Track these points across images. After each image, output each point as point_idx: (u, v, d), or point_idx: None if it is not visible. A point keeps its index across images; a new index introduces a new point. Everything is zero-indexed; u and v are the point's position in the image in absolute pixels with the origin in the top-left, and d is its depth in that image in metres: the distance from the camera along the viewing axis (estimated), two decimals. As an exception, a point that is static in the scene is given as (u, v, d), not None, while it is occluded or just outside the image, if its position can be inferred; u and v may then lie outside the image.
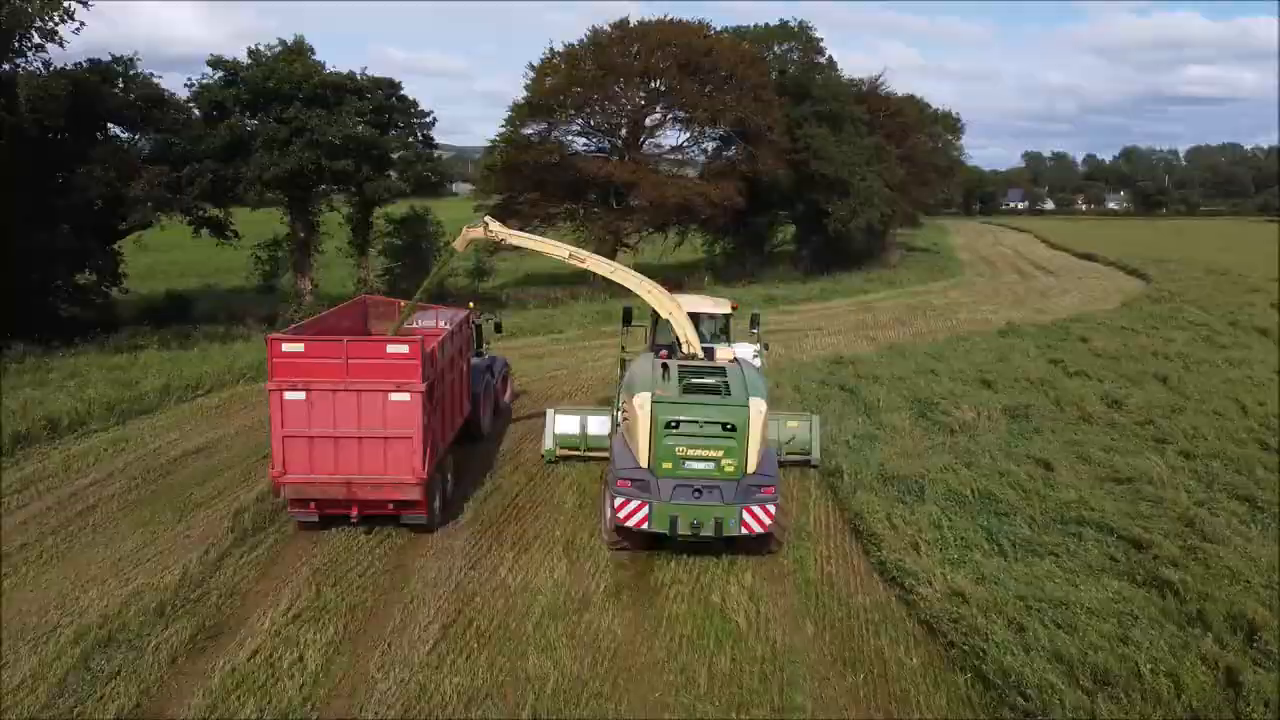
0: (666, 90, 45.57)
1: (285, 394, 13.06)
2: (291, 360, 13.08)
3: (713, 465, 12.97)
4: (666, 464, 12.97)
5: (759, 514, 12.94)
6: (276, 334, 14.04)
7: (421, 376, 13.09)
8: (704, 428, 13.01)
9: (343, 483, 13.32)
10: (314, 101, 31.44)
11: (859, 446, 18.49)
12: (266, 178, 30.37)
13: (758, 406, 13.09)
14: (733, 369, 14.44)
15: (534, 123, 44.72)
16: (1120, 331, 33.32)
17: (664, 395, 13.28)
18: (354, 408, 13.08)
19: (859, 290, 46.93)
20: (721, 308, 17.20)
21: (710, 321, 16.96)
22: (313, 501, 13.73)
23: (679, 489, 12.95)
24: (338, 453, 13.22)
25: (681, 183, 45.01)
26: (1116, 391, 23.24)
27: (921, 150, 65.00)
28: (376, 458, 13.25)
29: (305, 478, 13.33)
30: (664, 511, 12.86)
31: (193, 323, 32.38)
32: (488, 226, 16.08)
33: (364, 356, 13.17)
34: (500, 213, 45.38)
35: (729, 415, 13.04)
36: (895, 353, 28.56)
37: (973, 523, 14.52)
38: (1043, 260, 70.43)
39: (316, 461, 13.24)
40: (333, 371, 13.04)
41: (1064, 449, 18.49)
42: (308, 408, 13.10)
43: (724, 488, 12.92)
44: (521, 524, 14.82)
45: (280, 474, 13.34)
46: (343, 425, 13.13)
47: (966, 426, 20.03)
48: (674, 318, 15.34)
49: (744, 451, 12.98)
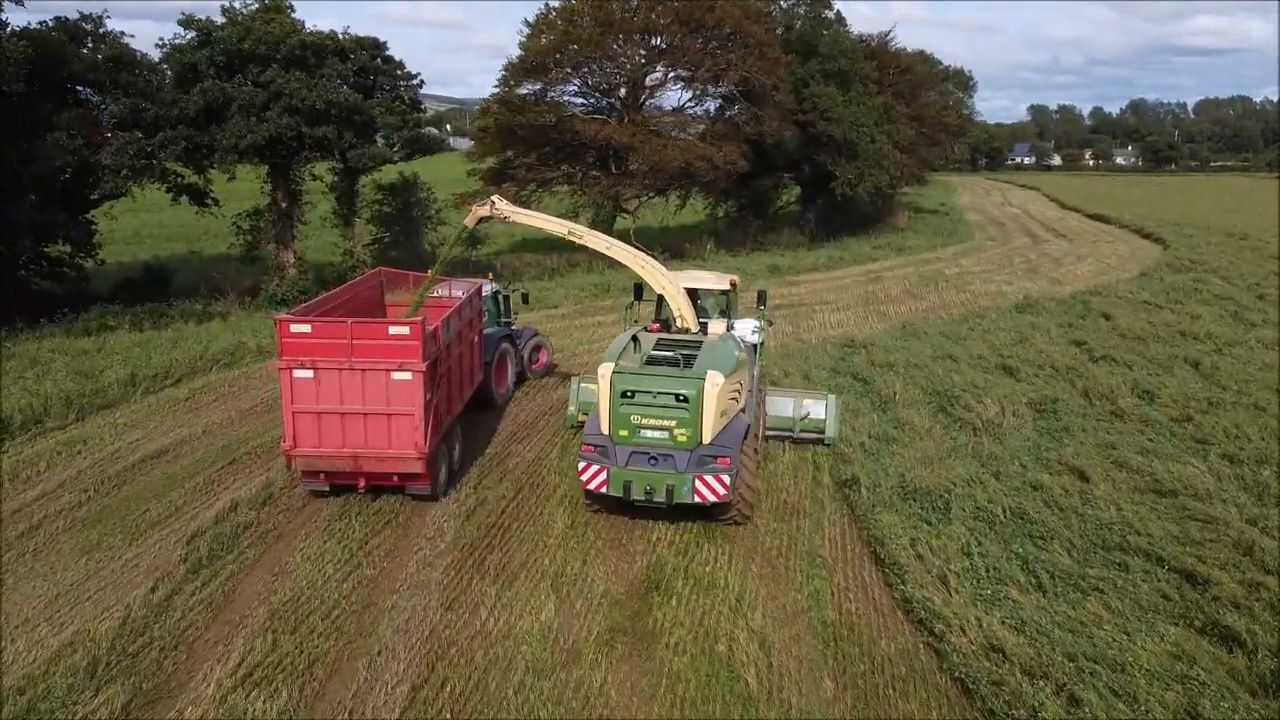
0: (667, 48, 43.41)
1: (294, 372, 13.73)
2: (300, 340, 13.71)
3: (666, 435, 13.56)
4: (623, 432, 13.66)
5: (711, 483, 13.36)
6: (285, 315, 14.44)
7: (422, 356, 13.61)
8: (657, 398, 13.55)
9: (349, 456, 13.97)
10: (293, 63, 29.51)
11: (875, 450, 17.05)
12: (243, 145, 28.54)
13: (714, 380, 13.45)
14: (712, 343, 14.84)
15: (529, 82, 42.60)
16: (1143, 307, 31.72)
17: (624, 367, 13.93)
18: (359, 385, 13.72)
19: (867, 258, 45.20)
20: (721, 283, 17.01)
21: (719, 297, 17.12)
22: (322, 473, 14.41)
23: (635, 456, 13.64)
24: (344, 428, 13.85)
25: (683, 145, 43.00)
26: (1147, 381, 21.75)
27: (932, 109, 62.72)
28: (380, 433, 13.87)
29: (314, 451, 13.97)
30: (620, 476, 13.59)
31: (170, 298, 30.82)
32: (494, 205, 16.56)
33: (367, 337, 13.71)
34: (495, 176, 43.76)
35: (682, 386, 13.51)
36: (909, 333, 26.99)
37: (1006, 549, 13.11)
38: (1054, 222, 68.52)
39: (324, 436, 13.90)
40: (338, 351, 13.66)
41: (1098, 453, 17.04)
42: (315, 385, 13.76)
43: (678, 456, 13.50)
44: (506, 549, 13.42)
45: (291, 447, 13.96)
46: (348, 402, 13.77)
47: (990, 425, 18.57)
48: (667, 292, 15.87)
49: (697, 422, 13.46)
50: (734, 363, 14.35)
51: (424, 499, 14.77)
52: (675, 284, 15.84)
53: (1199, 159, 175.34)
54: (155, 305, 28.79)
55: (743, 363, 14.91)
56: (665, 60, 43.59)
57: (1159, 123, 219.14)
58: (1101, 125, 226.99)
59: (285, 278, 31.51)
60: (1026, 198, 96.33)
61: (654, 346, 15.00)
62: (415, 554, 13.20)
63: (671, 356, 14.46)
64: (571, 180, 44.53)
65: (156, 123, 29.40)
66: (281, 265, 31.75)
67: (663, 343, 15.21)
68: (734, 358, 14.50)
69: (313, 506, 14.77)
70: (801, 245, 48.89)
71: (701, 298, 17.01)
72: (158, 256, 42.73)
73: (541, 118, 41.08)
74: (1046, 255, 48.62)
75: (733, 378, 14.04)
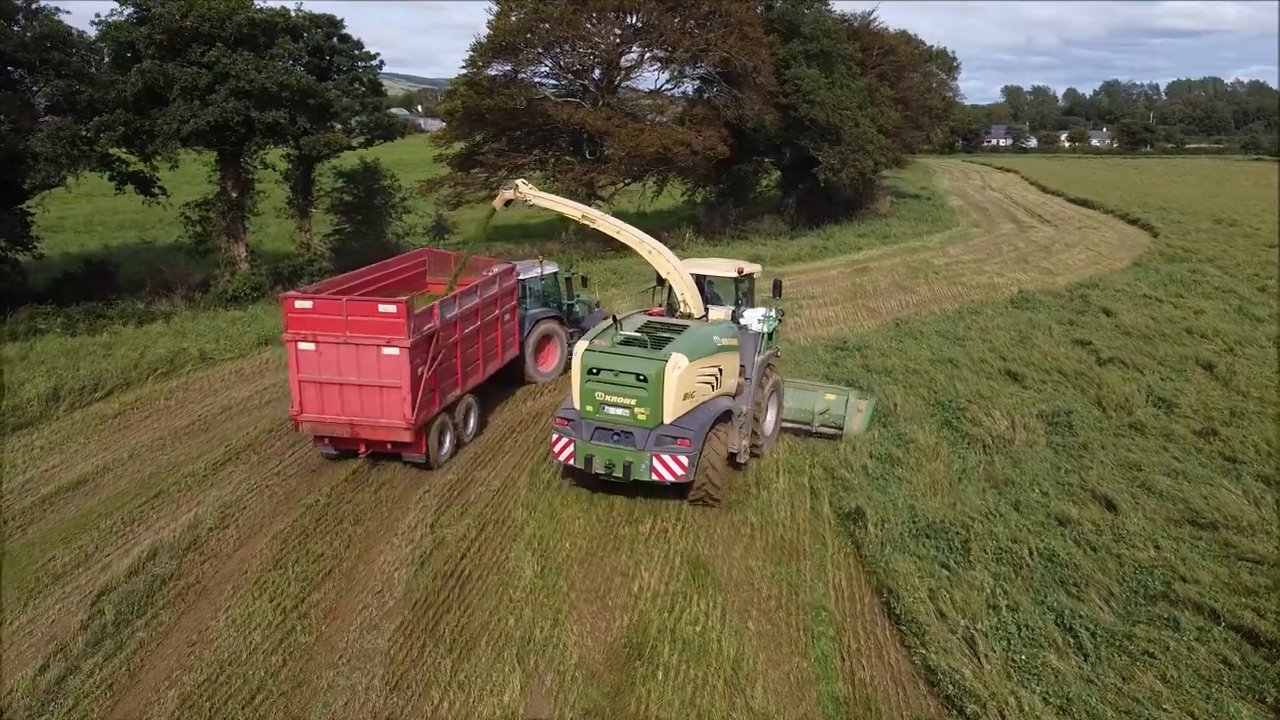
0: (644, 27, 41.40)
1: (299, 345, 14.86)
2: (302, 315, 14.80)
3: (627, 412, 13.83)
4: (589, 407, 14.09)
5: (669, 463, 13.68)
6: (290, 292, 15.35)
7: (407, 333, 14.43)
8: (619, 376, 13.83)
9: (347, 423, 15.10)
10: (240, 42, 27.25)
11: (879, 473, 15.41)
12: (185, 131, 26.32)
13: (676, 362, 13.64)
14: (695, 329, 14.99)
15: (498, 64, 40.46)
16: (1144, 301, 30.27)
17: (596, 345, 14.26)
18: (354, 359, 14.73)
19: (851, 247, 43.56)
20: (730, 270, 16.69)
21: (730, 284, 16.82)
22: (327, 437, 15.63)
23: (599, 431, 14.07)
24: (343, 397, 14.97)
25: (660, 130, 41.08)
26: (1162, 387, 20.25)
27: (916, 92, 61.00)
28: (374, 403, 14.88)
29: (317, 417, 15.18)
30: (584, 450, 14.11)
31: (110, 295, 28.53)
32: (518, 188, 17.18)
33: (360, 314, 14.64)
34: (463, 162, 41.67)
35: (641, 367, 13.71)
36: (904, 332, 25.35)
37: (1037, 601, 11.49)
38: (1037, 207, 67.18)
39: (325, 403, 15.08)
40: (335, 326, 14.68)
41: (1122, 475, 15.48)
42: (317, 357, 14.85)
43: (637, 434, 13.81)
44: (465, 606, 11.64)
45: (298, 412, 15.21)
46: (345, 373, 14.83)
47: (1002, 441, 16.99)
48: (671, 277, 16.06)
49: (657, 402, 13.66)
50: (710, 348, 14.49)
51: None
52: (680, 269, 16.10)
53: (1174, 141, 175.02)
54: (93, 304, 26.56)
55: (727, 349, 14.97)
56: (641, 40, 41.60)
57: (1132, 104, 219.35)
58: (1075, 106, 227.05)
59: (237, 273, 29.34)
60: (1006, 181, 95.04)
61: (636, 328, 15.05)
62: (359, 614, 11.40)
63: (641, 338, 14.57)
64: (544, 166, 42.52)
65: (93, 106, 27.11)
66: (233, 259, 29.55)
67: (650, 325, 15.28)
68: (712, 343, 14.61)
69: (244, 551, 12.92)
70: (783, 233, 47.15)
71: (715, 285, 17.10)
72: (108, 246, 40.40)
73: (511, 101, 38.95)
74: (1034, 243, 47.18)
75: (704, 362, 14.21)
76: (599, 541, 13.34)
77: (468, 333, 16.66)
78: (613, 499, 14.69)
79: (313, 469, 15.92)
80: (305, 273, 30.70)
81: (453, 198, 40.79)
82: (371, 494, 14.91)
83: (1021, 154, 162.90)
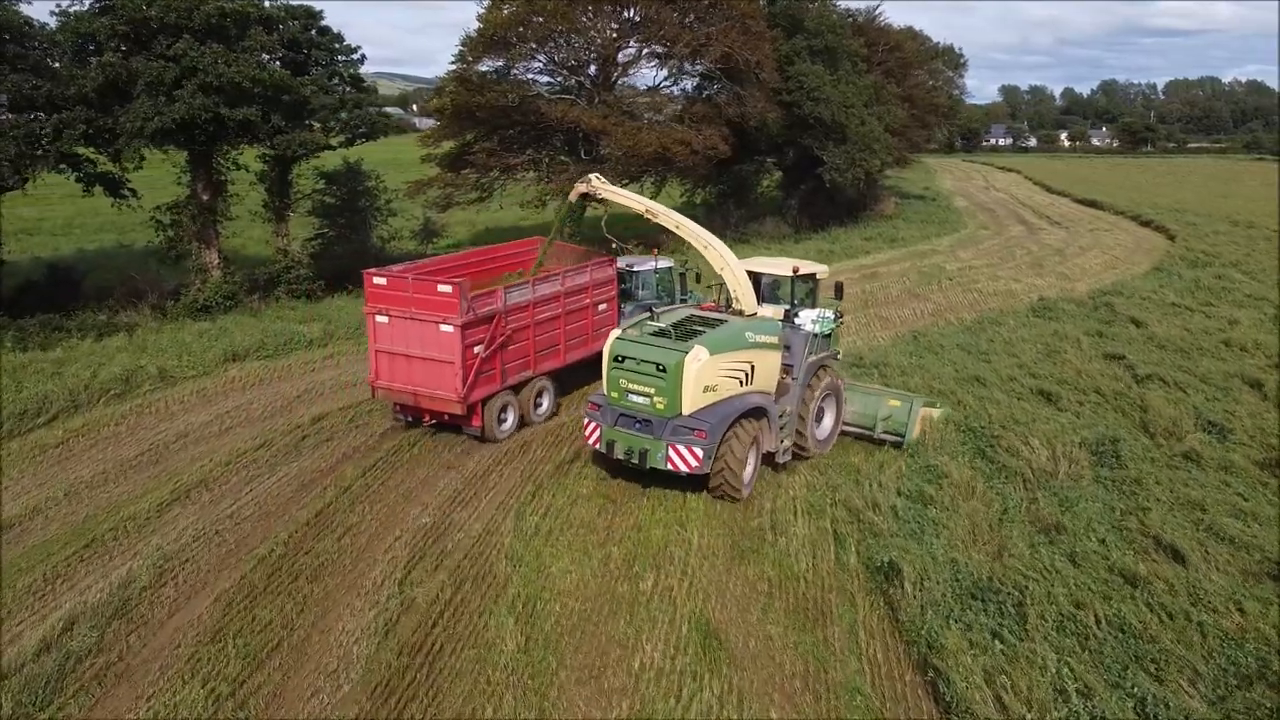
0: (642, 20, 39.44)
1: (376, 317, 16.26)
2: (379, 291, 16.20)
3: (647, 401, 14.10)
4: (614, 394, 14.45)
5: (684, 453, 13.90)
6: (371, 270, 16.75)
7: (460, 313, 15.44)
8: (640, 365, 14.11)
9: (411, 392, 16.33)
10: (210, 34, 25.36)
11: (911, 515, 13.61)
12: (149, 129, 24.42)
13: (697, 355, 13.82)
14: (730, 323, 15.06)
15: (490, 59, 38.50)
16: (1172, 310, 28.55)
17: (626, 334, 14.61)
18: (419, 333, 15.88)
19: (859, 251, 41.78)
20: (783, 269, 16.67)
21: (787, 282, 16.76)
22: (398, 404, 17.00)
23: (623, 418, 14.41)
24: (410, 368, 16.21)
25: (659, 129, 39.19)
26: (1210, 409, 18.51)
27: (922, 89, 59.13)
28: (433, 375, 15.99)
29: (388, 385, 16.58)
30: (608, 435, 14.56)
31: (73, 305, 26.61)
32: (591, 182, 18.04)
33: (422, 293, 15.81)
34: (453, 162, 39.75)
35: (662, 357, 13.94)
36: (923, 346, 23.55)
37: (1112, 684, 9.70)
38: (1044, 208, 65.46)
39: (395, 373, 16.42)
40: (403, 302, 15.95)
41: (1184, 517, 13.70)
42: (390, 329, 16.17)
43: (655, 423, 14.09)
44: (434, 691, 9.81)
45: (374, 379, 16.67)
46: (411, 346, 16.05)
47: (1044, 474, 15.19)
48: (725, 274, 16.17)
49: (675, 392, 13.83)
50: (740, 343, 14.57)
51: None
52: (733, 265, 16.10)
53: (1175, 140, 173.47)
54: (50, 316, 24.64)
55: (763, 346, 14.93)
56: (639, 34, 39.62)
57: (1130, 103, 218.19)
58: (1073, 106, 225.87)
59: (209, 281, 27.42)
60: (1009, 181, 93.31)
61: (671, 321, 15.09)
62: (308, 702, 9.58)
63: (670, 330, 14.63)
64: (538, 166, 40.56)
65: (52, 102, 25.20)
66: (204, 266, 27.63)
67: (689, 319, 15.38)
68: (743, 339, 14.65)
69: (180, 618, 11.09)
70: (787, 236, 45.35)
71: (775, 283, 17.12)
72: (83, 250, 38.61)
73: (503, 98, 37.00)
74: (1047, 246, 45.45)
75: (731, 356, 14.31)
76: (593, 603, 11.53)
77: (544, 318, 17.50)
78: (609, 549, 12.89)
79: (269, 511, 14.10)
80: (283, 280, 28.84)
81: (442, 199, 38.81)
82: (334, 542, 13.09)
83: (1022, 153, 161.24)
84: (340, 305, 27.41)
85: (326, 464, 15.93)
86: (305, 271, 29.15)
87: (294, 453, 16.44)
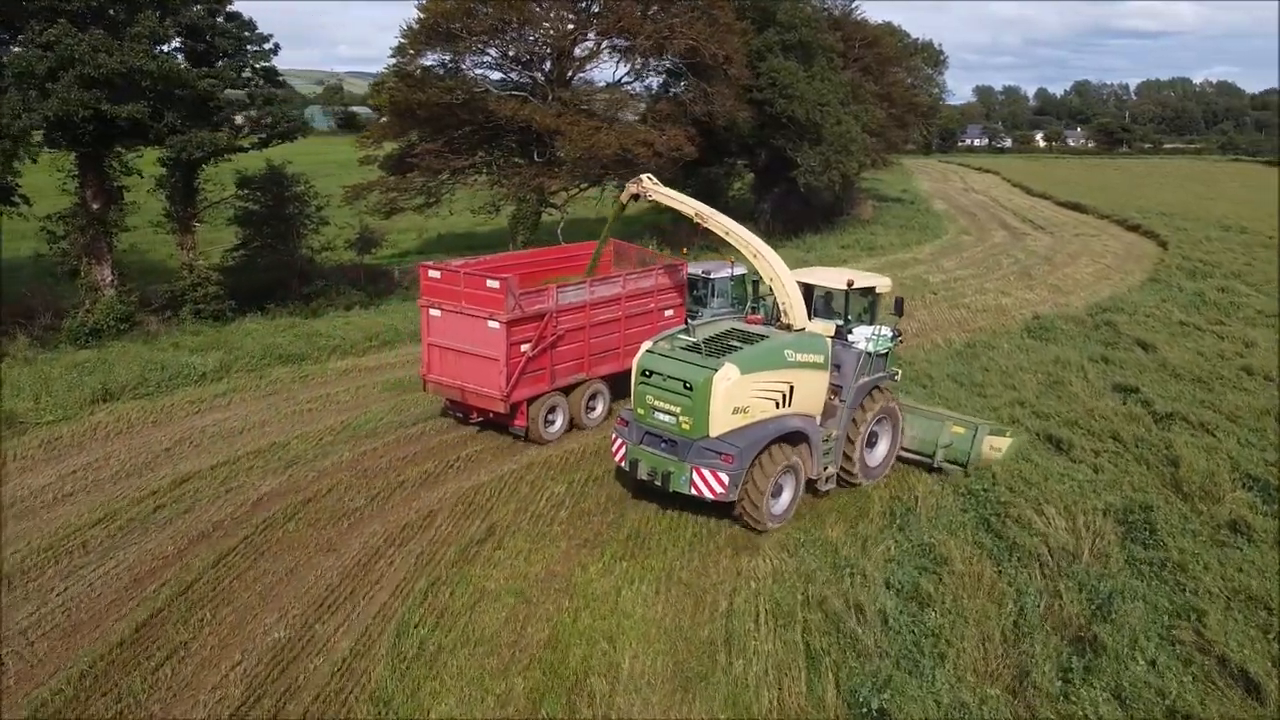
0: (601, 11, 36.45)
1: (430, 310, 16.57)
2: (433, 284, 16.51)
3: (673, 420, 13.29)
4: (640, 410, 13.72)
5: (708, 478, 13.03)
6: (425, 263, 17.25)
7: (506, 309, 15.45)
8: (666, 382, 13.31)
9: (459, 387, 16.55)
10: (92, 18, 22.04)
11: (904, 624, 10.66)
12: (17, 129, 21.09)
13: (727, 373, 12.94)
14: (772, 340, 13.83)
15: (434, 52, 35.36)
16: (1181, 330, 25.86)
17: (656, 348, 13.75)
18: (469, 328, 16.08)
19: (836, 260, 38.57)
20: (837, 282, 15.62)
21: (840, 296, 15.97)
22: (449, 401, 17.29)
23: (649, 436, 13.67)
24: (459, 363, 16.39)
25: (619, 129, 36.13)
26: (1247, 458, 15.72)
27: (900, 88, 56.37)
28: (479, 371, 16.10)
29: (438, 379, 16.85)
30: (633, 453, 13.89)
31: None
32: (642, 183, 17.56)
33: (473, 287, 15.94)
34: (396, 165, 36.52)
35: (689, 374, 13.10)
36: (908, 377, 20.55)
37: None
38: (1026, 211, 62.92)
39: (445, 367, 16.68)
40: (455, 296, 16.20)
41: (1247, 621, 10.81)
42: (442, 323, 16.47)
43: (680, 444, 13.27)
44: None
45: (426, 372, 16.98)
46: (461, 341, 16.24)
47: (1064, 555, 12.30)
48: (774, 284, 15.11)
49: (702, 412, 12.97)
50: (777, 361, 13.49)
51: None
52: (784, 276, 14.97)
53: (1151, 141, 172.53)
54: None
55: (805, 365, 13.80)
56: (598, 25, 36.57)
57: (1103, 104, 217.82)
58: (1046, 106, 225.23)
59: (99, 301, 24.03)
60: (989, 183, 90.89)
61: (707, 335, 14.06)
62: None
63: (703, 345, 13.66)
64: (489, 169, 37.41)
65: (-91, 98, 21.81)
66: (95, 284, 24.26)
67: (727, 333, 14.27)
68: (781, 357, 13.56)
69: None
70: (758, 243, 42.36)
71: (829, 296, 16.29)
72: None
73: (447, 95, 33.79)
74: (1033, 253, 42.82)
75: (765, 375, 13.31)
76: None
77: (601, 320, 17.25)
78: (510, 681, 9.81)
79: (77, 624, 10.90)
80: (188, 299, 25.53)
81: (384, 204, 35.51)
82: (149, 672, 9.91)
83: (998, 154, 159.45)
84: (251, 329, 24.11)
85: (175, 547, 12.75)
86: (214, 289, 25.84)
87: (138, 530, 13.24)
